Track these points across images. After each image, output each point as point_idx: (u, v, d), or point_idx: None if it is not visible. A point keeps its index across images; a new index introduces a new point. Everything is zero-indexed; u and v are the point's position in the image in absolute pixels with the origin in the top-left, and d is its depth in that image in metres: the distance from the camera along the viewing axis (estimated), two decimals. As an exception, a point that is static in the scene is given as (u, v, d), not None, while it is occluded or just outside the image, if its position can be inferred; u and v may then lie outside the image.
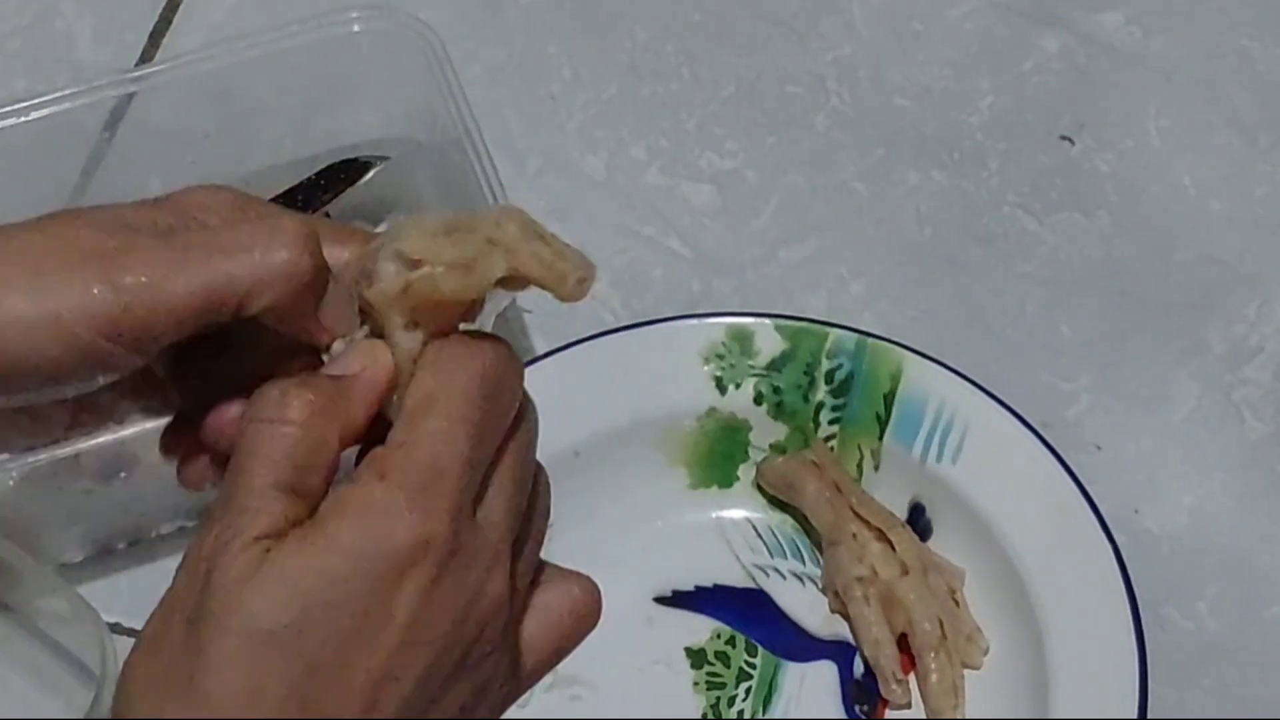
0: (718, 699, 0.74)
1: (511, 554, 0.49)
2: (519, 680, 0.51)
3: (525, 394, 0.50)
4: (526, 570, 0.50)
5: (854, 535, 0.75)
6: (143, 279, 0.48)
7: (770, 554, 0.78)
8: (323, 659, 0.45)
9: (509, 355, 0.49)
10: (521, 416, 0.50)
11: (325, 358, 0.51)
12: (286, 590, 0.45)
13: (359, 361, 0.49)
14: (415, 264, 0.48)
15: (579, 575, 0.52)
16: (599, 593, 0.52)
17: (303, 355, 0.51)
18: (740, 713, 0.74)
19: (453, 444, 0.47)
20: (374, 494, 0.46)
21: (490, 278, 0.48)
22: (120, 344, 0.49)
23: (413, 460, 0.46)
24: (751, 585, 0.77)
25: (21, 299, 0.48)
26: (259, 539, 0.45)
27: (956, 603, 0.74)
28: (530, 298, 0.84)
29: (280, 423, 0.47)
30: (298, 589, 0.45)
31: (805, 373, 0.78)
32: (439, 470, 0.46)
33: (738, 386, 0.78)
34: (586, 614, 0.52)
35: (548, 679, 0.74)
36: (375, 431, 0.49)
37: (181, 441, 0.53)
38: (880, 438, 0.77)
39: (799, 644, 0.75)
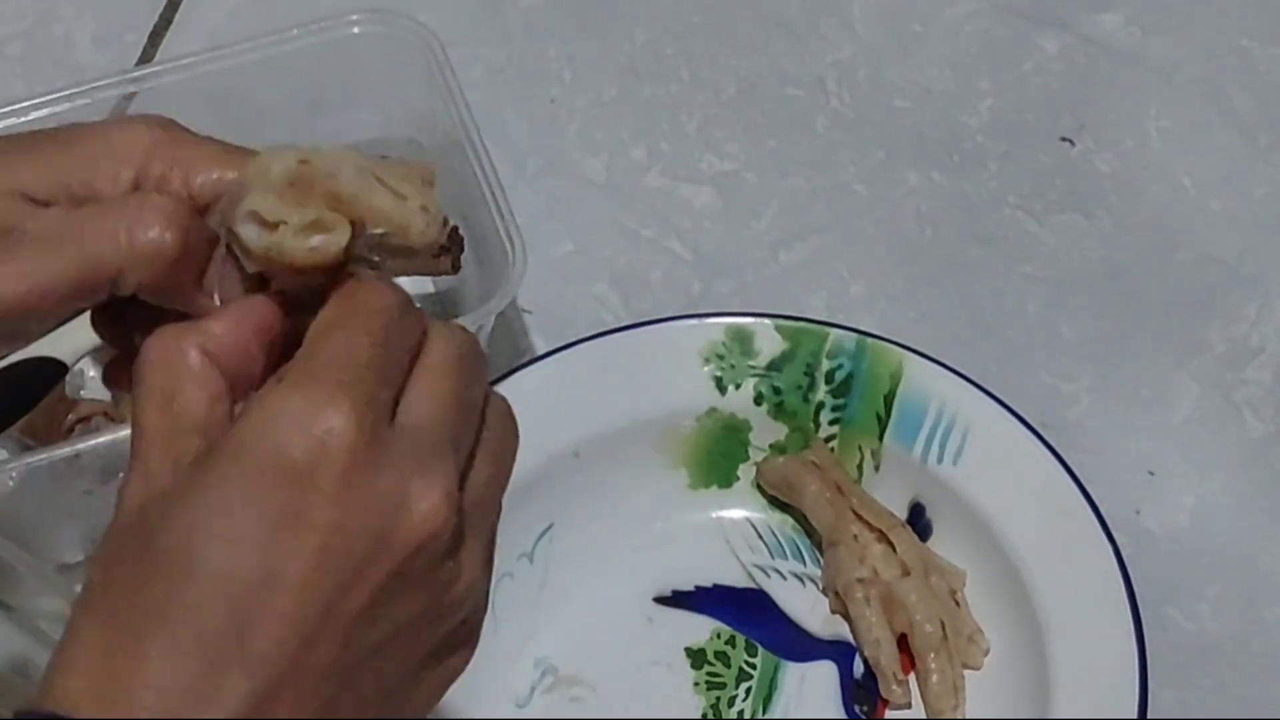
0: (718, 699, 0.74)
1: (457, 474, 0.47)
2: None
3: (442, 325, 0.49)
4: (481, 498, 0.49)
5: (854, 536, 0.75)
6: (14, 268, 0.48)
7: (770, 554, 0.78)
8: (245, 586, 0.43)
9: (406, 297, 0.49)
10: (438, 338, 0.49)
11: None
12: (195, 519, 0.44)
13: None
14: (271, 226, 0.48)
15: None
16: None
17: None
18: (740, 713, 0.74)
19: (353, 349, 0.46)
20: (268, 399, 0.45)
21: (336, 246, 0.48)
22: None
23: (311, 365, 0.46)
24: (751, 585, 0.77)
25: None
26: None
27: (957, 603, 0.74)
28: (530, 298, 0.85)
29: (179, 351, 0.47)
30: (205, 515, 0.44)
31: (805, 373, 0.78)
32: (338, 369, 0.45)
33: (738, 386, 0.78)
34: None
35: (548, 680, 0.75)
36: None
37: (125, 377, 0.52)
38: (880, 438, 0.77)
39: (799, 644, 0.75)
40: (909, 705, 0.73)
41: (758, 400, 0.78)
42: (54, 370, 0.62)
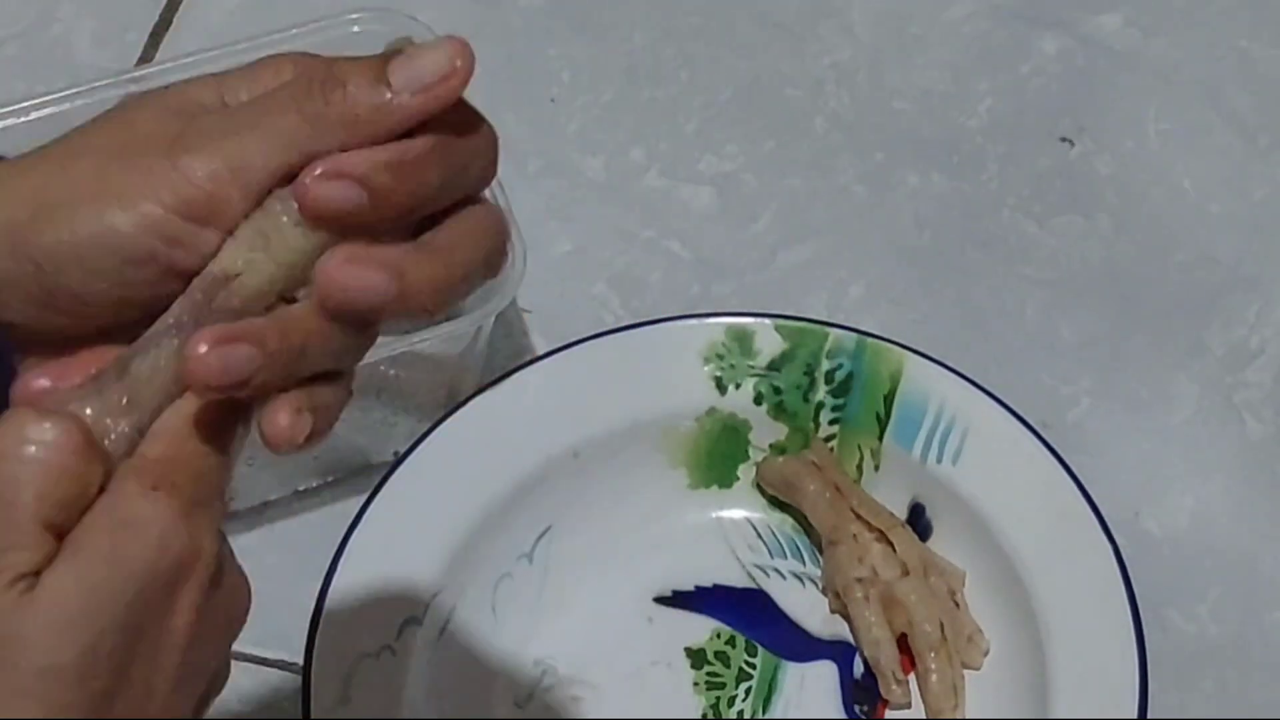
0: (718, 699, 0.74)
1: None
2: None
3: None
4: None
5: (854, 536, 0.75)
6: (212, 153, 0.47)
7: (770, 554, 0.78)
8: (113, 683, 0.44)
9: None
10: None
11: None
12: (66, 617, 0.44)
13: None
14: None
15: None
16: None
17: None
18: (740, 713, 0.74)
19: (215, 469, 0.47)
20: (145, 507, 0.45)
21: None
22: (193, 221, 0.47)
23: (184, 476, 0.46)
24: (751, 585, 0.77)
25: (90, 184, 0.48)
26: (21, 577, 0.44)
27: (957, 604, 0.74)
28: (530, 298, 0.85)
29: (53, 452, 0.45)
30: (78, 614, 0.44)
31: (805, 373, 0.78)
32: (206, 488, 0.47)
33: (738, 386, 0.78)
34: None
35: (548, 680, 0.75)
36: None
37: None
38: (880, 438, 0.77)
39: (799, 644, 0.75)
40: (909, 705, 0.73)
41: (758, 400, 0.78)
42: None
